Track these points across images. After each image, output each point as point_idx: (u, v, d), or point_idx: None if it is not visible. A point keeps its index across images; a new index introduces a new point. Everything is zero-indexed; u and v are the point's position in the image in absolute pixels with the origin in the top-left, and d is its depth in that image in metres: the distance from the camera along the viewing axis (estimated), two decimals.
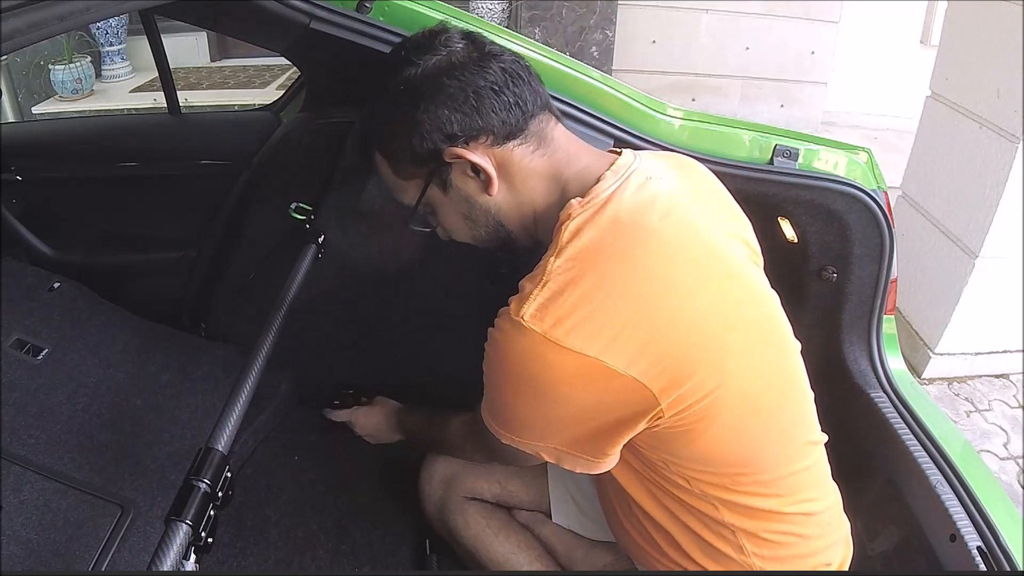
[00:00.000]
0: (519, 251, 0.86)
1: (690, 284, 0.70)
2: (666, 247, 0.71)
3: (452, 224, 0.83)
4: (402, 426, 1.22)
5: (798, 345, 0.83)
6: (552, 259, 0.69)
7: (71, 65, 4.07)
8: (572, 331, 0.66)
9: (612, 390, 0.68)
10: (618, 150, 0.81)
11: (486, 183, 0.77)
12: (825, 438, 0.86)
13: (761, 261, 0.86)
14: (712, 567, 0.83)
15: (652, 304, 0.68)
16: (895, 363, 1.26)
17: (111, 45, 4.35)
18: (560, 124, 0.81)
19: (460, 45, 0.76)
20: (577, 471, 0.78)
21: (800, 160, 1.14)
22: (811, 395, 0.85)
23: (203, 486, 0.78)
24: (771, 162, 1.14)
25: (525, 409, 0.74)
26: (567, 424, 0.73)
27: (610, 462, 0.78)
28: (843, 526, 0.88)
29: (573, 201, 0.74)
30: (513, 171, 0.77)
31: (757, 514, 0.79)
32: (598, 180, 0.75)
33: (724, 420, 0.73)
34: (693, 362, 0.69)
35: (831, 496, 0.86)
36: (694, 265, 0.72)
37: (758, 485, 0.78)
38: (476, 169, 0.76)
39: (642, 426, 0.71)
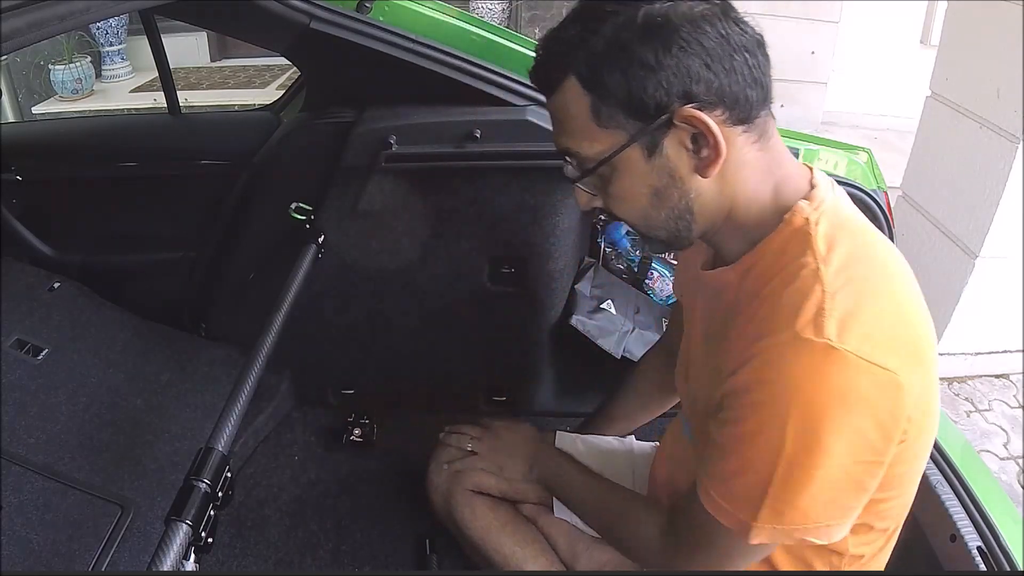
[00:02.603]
0: (670, 250, 0.79)
1: (920, 302, 0.66)
2: (903, 262, 0.67)
3: (631, 195, 0.67)
4: (546, 458, 1.06)
5: None
6: (822, 267, 0.61)
7: (71, 65, 4.07)
8: (878, 347, 0.58)
9: (897, 415, 0.59)
10: None
11: (706, 162, 0.62)
12: None
13: None
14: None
15: (915, 320, 0.64)
16: None
17: (111, 45, 4.36)
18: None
19: None
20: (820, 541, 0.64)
21: (800, 160, 1.14)
22: None
23: (203, 486, 0.78)
24: None
25: (828, 469, 0.59)
26: (854, 476, 0.61)
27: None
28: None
29: (802, 203, 0.66)
30: (730, 158, 0.63)
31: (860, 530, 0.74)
32: (813, 185, 0.68)
33: (923, 441, 0.67)
34: (931, 383, 0.64)
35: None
36: (913, 282, 0.67)
37: (900, 508, 0.74)
38: (698, 141, 0.62)
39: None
